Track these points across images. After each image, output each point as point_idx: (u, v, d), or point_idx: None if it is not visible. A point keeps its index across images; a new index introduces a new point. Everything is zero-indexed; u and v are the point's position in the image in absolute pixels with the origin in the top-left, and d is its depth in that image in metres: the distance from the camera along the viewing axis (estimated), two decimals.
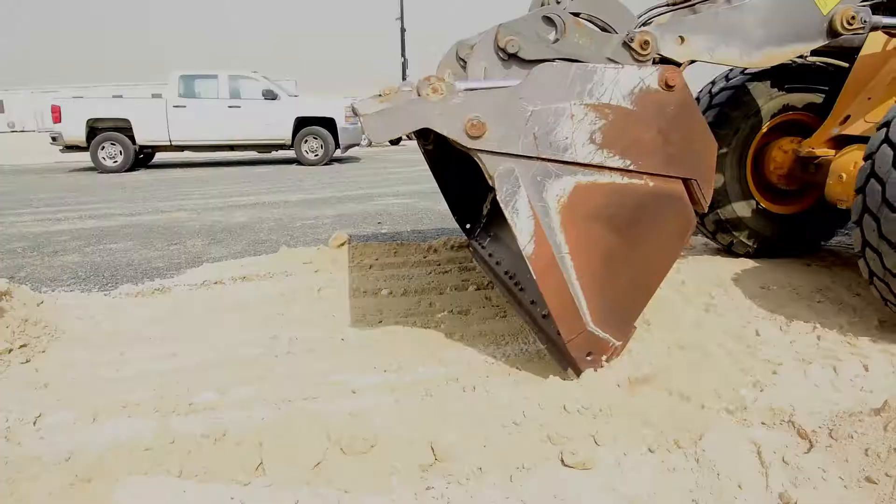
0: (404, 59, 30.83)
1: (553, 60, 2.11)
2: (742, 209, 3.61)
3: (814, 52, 2.85)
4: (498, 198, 1.93)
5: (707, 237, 3.87)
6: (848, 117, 3.17)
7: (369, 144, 22.01)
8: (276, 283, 3.58)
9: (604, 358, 2.11)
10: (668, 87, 1.97)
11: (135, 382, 2.31)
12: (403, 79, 30.30)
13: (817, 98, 3.53)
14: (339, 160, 14.39)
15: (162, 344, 2.71)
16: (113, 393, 2.21)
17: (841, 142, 3.13)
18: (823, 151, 3.20)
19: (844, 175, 2.80)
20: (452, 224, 5.71)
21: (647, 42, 2.26)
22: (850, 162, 2.80)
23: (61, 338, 2.75)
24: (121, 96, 15.52)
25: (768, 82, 3.50)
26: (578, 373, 2.09)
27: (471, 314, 2.94)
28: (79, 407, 2.08)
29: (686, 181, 2.05)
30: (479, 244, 3.56)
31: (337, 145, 13.13)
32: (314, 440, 1.74)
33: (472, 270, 3.65)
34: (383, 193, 8.16)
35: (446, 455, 1.72)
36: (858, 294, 3.02)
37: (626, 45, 2.27)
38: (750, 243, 3.66)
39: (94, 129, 12.44)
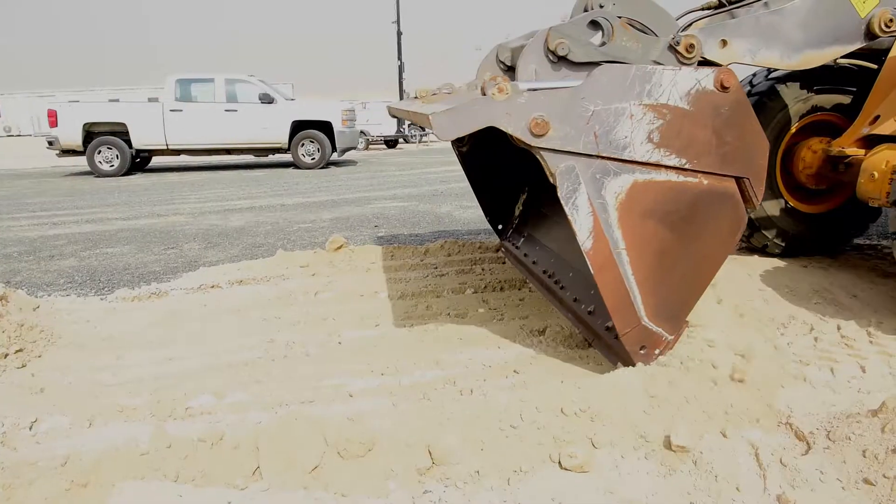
0: (401, 62, 30.90)
1: (600, 63, 2.16)
2: (771, 208, 3.66)
3: (845, 54, 2.92)
4: (559, 194, 1.97)
5: None
6: (878, 117, 3.22)
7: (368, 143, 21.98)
8: (272, 287, 3.58)
9: (656, 352, 2.14)
10: (724, 88, 2.01)
11: (131, 387, 2.30)
12: (400, 82, 30.44)
13: (845, 99, 3.59)
14: (335, 163, 14.41)
15: (158, 348, 2.70)
16: (109, 397, 2.21)
17: (871, 141, 3.18)
18: (853, 151, 3.25)
19: (876, 173, 2.84)
20: (449, 227, 5.74)
21: (692, 45, 2.33)
22: (881, 161, 2.86)
23: (57, 342, 2.74)
24: (117, 100, 15.44)
25: (797, 84, 3.56)
26: (630, 365, 2.12)
27: (468, 317, 2.94)
28: (75, 411, 2.07)
29: (739, 180, 2.09)
30: (513, 244, 3.67)
31: (334, 149, 13.14)
32: (311, 444, 1.73)
33: (469, 273, 3.65)
34: (380, 196, 8.17)
35: (444, 458, 1.72)
36: (855, 296, 3.03)
37: (672, 48, 2.33)
38: (778, 242, 3.71)
39: (91, 133, 12.44)
